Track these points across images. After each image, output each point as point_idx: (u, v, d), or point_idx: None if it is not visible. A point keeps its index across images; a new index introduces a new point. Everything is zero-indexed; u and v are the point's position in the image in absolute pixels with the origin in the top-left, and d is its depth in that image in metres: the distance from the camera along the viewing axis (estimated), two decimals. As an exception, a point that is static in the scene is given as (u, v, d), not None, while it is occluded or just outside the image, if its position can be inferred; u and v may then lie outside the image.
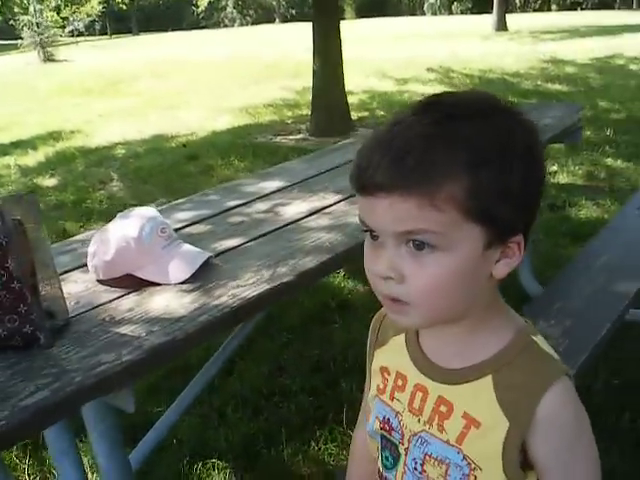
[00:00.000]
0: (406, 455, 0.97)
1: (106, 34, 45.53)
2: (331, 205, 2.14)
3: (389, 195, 0.79)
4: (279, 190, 2.38)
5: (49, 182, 6.87)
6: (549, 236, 4.13)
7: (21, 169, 7.73)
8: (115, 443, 1.59)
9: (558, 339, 2.00)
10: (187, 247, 1.73)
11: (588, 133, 6.31)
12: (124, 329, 1.42)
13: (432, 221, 0.79)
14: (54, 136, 9.37)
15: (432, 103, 0.84)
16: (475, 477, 0.90)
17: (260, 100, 10.04)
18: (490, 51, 13.94)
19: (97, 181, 6.69)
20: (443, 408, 0.92)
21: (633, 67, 10.83)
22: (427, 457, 0.94)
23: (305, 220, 2.03)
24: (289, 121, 8.58)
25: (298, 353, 3.08)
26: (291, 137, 7.65)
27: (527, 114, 0.86)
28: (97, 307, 1.56)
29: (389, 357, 1.02)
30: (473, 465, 0.90)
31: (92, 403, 1.44)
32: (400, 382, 0.99)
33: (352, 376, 2.85)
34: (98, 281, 1.70)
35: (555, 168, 5.59)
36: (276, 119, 8.79)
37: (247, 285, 1.58)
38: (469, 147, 0.78)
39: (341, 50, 7.45)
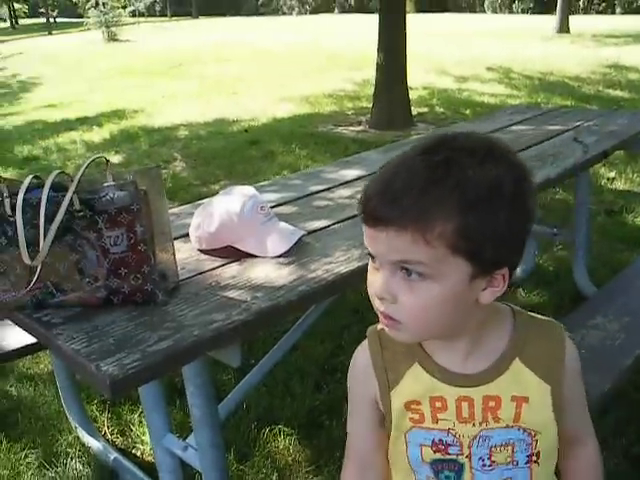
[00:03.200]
0: (470, 460, 1.05)
1: (166, 16, 46.03)
2: (409, 195, 2.27)
3: (387, 228, 0.89)
4: (359, 178, 2.52)
5: (114, 159, 7.09)
6: (605, 240, 4.20)
7: (86, 144, 8.02)
8: (208, 396, 1.76)
9: (615, 333, 2.12)
10: (283, 224, 1.89)
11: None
12: (230, 293, 1.59)
13: (423, 254, 0.88)
14: (118, 114, 9.66)
15: (434, 146, 0.92)
16: (537, 441, 1.04)
17: (321, 90, 10.20)
18: (551, 53, 13.85)
19: (161, 160, 6.91)
20: (492, 403, 1.02)
21: (698, 77, 10.70)
22: (493, 449, 1.04)
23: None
24: (349, 112, 8.72)
25: (358, 334, 3.21)
26: (352, 128, 7.79)
27: (522, 160, 0.95)
28: (203, 273, 1.73)
29: (412, 390, 1.06)
30: (533, 432, 1.03)
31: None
32: (439, 404, 1.04)
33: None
34: (200, 250, 1.87)
35: (613, 174, 5.64)
36: (337, 110, 8.94)
37: (339, 262, 1.74)
38: (460, 192, 0.87)
39: (406, 45, 7.55)
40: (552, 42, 16.30)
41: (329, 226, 2.04)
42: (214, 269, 1.75)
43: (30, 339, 2.22)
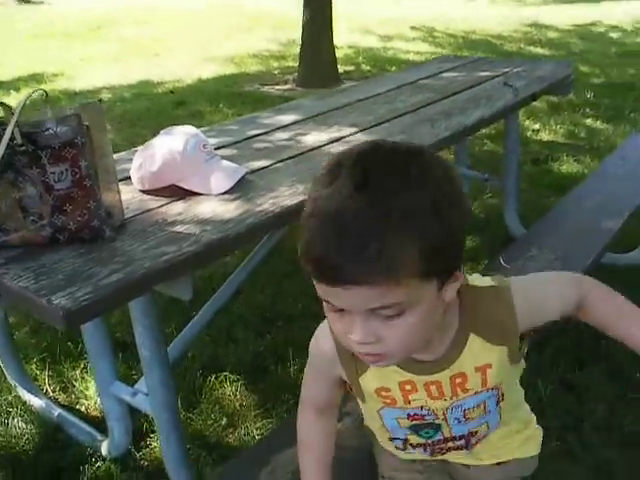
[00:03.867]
0: (446, 420, 1.11)
1: (80, -21, 44.49)
2: (348, 136, 2.30)
3: (358, 286, 0.82)
4: (295, 122, 2.52)
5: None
6: (532, 188, 4.33)
7: (4, 110, 7.70)
8: (157, 337, 1.75)
9: (552, 262, 2.21)
10: (226, 162, 1.88)
11: (569, 95, 6.49)
12: (178, 228, 1.59)
13: (399, 296, 0.84)
14: (36, 78, 9.29)
15: (363, 175, 0.84)
16: (499, 389, 1.09)
17: (246, 50, 10.05)
18: (473, 13, 13.98)
19: (85, 123, 6.70)
20: (458, 380, 1.05)
21: (613, 35, 10.98)
22: (467, 411, 1.09)
23: (327, 147, 2.19)
24: (276, 72, 8.63)
25: (299, 283, 3.25)
26: (278, 87, 7.73)
27: (443, 159, 0.92)
28: (148, 211, 1.71)
29: (380, 378, 1.07)
30: (497, 386, 1.08)
31: (139, 299, 1.61)
32: (409, 387, 1.06)
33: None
34: (142, 191, 1.85)
35: (537, 126, 5.79)
36: (263, 69, 8.83)
37: (284, 196, 1.75)
38: (413, 222, 0.82)
39: (331, 3, 7.51)
40: (474, 2, 16.44)
41: (271, 165, 2.04)
42: (159, 207, 1.73)
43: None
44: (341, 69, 8.11)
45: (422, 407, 1.08)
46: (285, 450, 1.41)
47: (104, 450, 2.19)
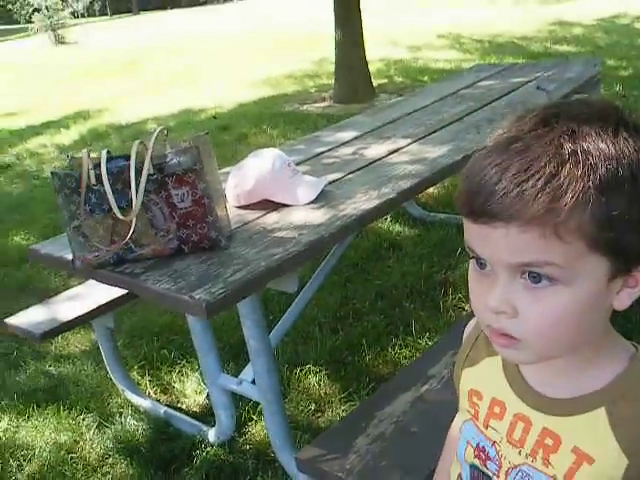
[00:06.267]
0: None
1: (106, 14, 45.59)
2: (405, 146, 2.60)
3: (506, 225, 0.71)
4: (355, 138, 2.84)
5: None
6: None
7: (58, 147, 8.14)
8: (263, 329, 2.06)
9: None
10: (308, 177, 2.20)
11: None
12: (279, 234, 1.90)
13: (554, 253, 0.71)
14: (83, 115, 9.75)
15: (549, 117, 0.74)
16: None
17: (280, 72, 10.44)
18: (497, 16, 14.23)
19: (138, 154, 7.08)
20: (549, 441, 0.84)
21: (638, 25, 11.15)
22: None
23: (388, 158, 2.50)
24: (312, 90, 8.99)
25: (361, 284, 3.56)
26: (317, 105, 8.07)
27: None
28: (248, 223, 2.03)
29: (481, 380, 0.95)
30: None
31: (249, 298, 1.92)
32: (497, 409, 0.91)
33: (413, 298, 3.33)
34: (237, 207, 2.17)
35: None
36: (299, 89, 9.20)
37: (362, 201, 2.06)
38: (599, 170, 0.70)
39: (361, 19, 7.83)
40: (496, 5, 16.69)
41: (343, 177, 2.35)
42: (257, 218, 2.05)
43: (77, 312, 2.51)
44: (375, 82, 8.42)
45: (494, 444, 0.91)
46: (386, 407, 1.70)
47: (211, 437, 2.50)
